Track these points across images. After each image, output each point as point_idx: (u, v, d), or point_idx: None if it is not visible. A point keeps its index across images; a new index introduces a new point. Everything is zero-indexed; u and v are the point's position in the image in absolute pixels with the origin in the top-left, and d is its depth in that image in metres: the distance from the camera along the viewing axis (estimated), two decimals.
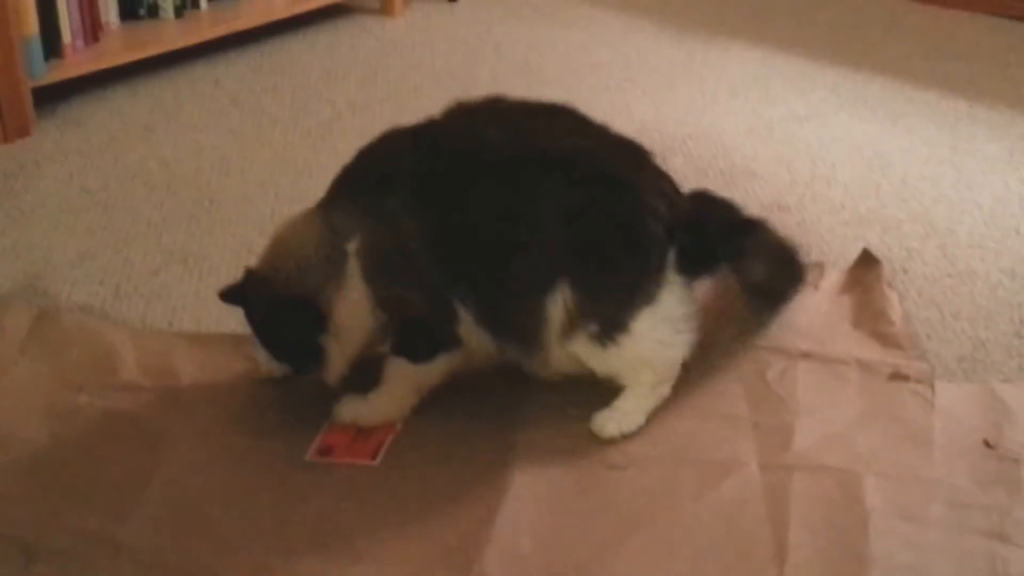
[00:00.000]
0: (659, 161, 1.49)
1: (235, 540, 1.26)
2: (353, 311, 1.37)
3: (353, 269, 1.36)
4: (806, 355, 1.56)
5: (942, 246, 1.90)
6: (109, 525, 1.27)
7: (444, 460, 1.38)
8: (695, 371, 1.54)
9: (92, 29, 2.38)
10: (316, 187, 1.47)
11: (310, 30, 2.78)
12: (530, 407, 1.47)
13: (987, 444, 1.41)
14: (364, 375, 1.43)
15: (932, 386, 1.51)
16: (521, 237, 1.35)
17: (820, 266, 1.80)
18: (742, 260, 1.50)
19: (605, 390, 1.48)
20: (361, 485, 1.34)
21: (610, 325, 1.37)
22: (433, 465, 1.37)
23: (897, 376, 1.52)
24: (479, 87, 2.50)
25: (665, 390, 1.46)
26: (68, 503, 1.30)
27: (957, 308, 1.72)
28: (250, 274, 1.41)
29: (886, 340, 1.60)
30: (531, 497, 1.32)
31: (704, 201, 1.52)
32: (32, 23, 2.21)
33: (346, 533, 1.27)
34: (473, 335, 1.40)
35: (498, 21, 2.90)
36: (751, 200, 2.04)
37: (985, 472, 1.36)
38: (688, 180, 2.09)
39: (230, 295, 1.44)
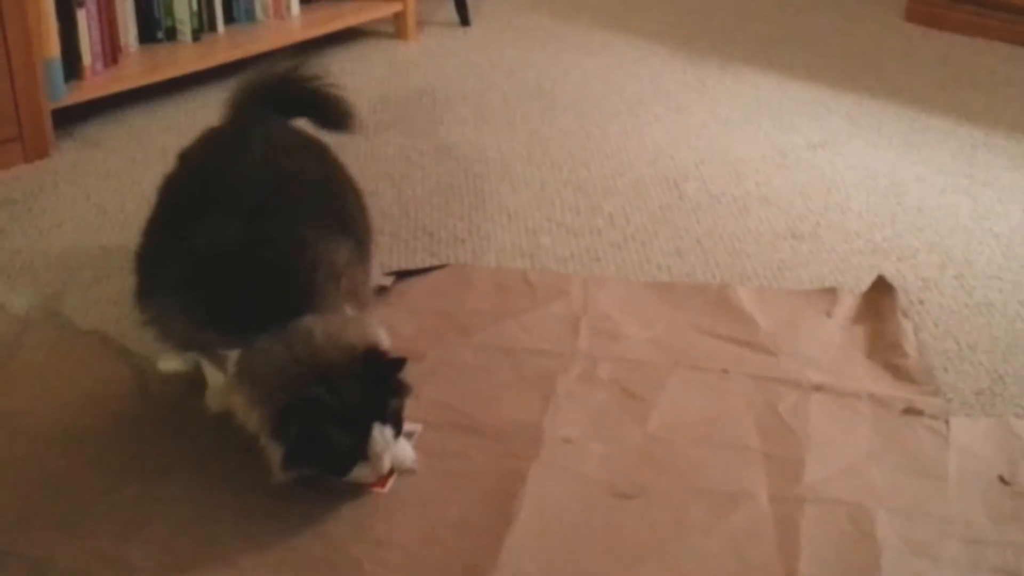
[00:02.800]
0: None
1: (243, 563, 1.26)
2: None
3: None
4: (818, 387, 1.55)
5: (959, 276, 1.88)
6: (119, 545, 1.27)
7: (453, 487, 1.38)
8: (706, 401, 1.54)
9: (111, 52, 2.40)
10: None
11: (325, 53, 2.80)
12: (540, 435, 1.46)
13: (1002, 480, 1.39)
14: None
15: (947, 421, 1.49)
16: None
17: (833, 292, 1.79)
18: None
19: (615, 420, 1.47)
20: (370, 510, 1.34)
21: None
22: (441, 492, 1.37)
23: (911, 410, 1.51)
24: (492, 111, 2.51)
25: None
26: (80, 523, 1.31)
27: (975, 340, 1.70)
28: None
29: (900, 373, 1.59)
30: (538, 525, 1.31)
31: None
32: (54, 45, 2.23)
33: (354, 558, 1.27)
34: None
35: (511, 45, 2.91)
36: (765, 227, 2.04)
37: (1000, 509, 1.35)
38: (701, 206, 2.11)
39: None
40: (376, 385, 1.30)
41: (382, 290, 1.77)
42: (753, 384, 1.56)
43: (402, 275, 1.82)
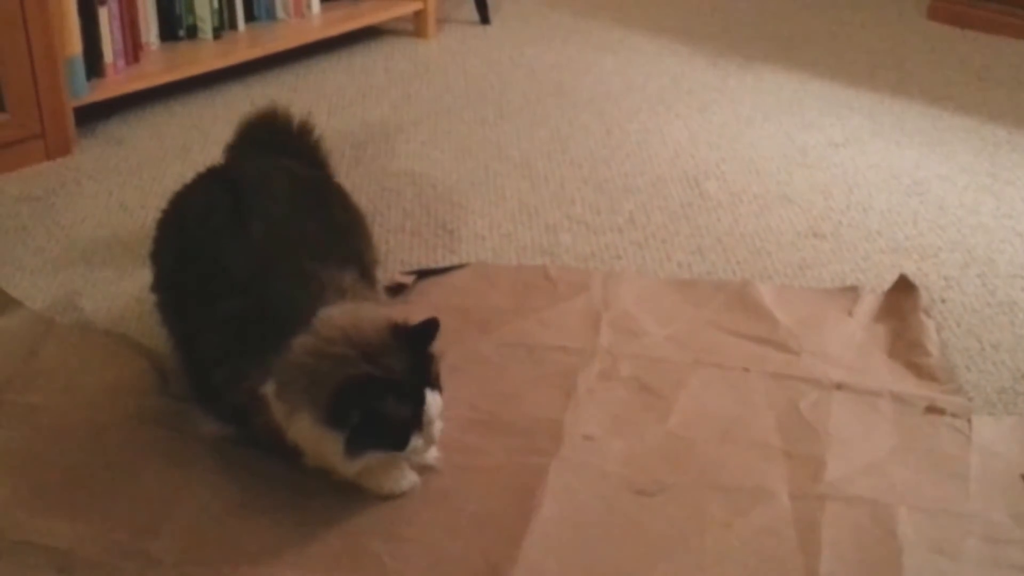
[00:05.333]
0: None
1: (262, 557, 1.27)
2: None
3: None
4: (839, 386, 1.54)
5: (981, 275, 1.87)
6: (140, 538, 1.29)
7: (473, 483, 1.38)
8: (726, 399, 1.53)
9: (133, 50, 2.42)
10: None
11: (345, 52, 2.81)
12: (560, 431, 1.46)
13: None
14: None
15: (969, 420, 1.48)
16: None
17: (855, 291, 1.78)
18: None
19: (640, 415, 1.46)
20: (390, 505, 1.34)
21: None
22: (462, 487, 1.37)
23: (933, 409, 1.50)
24: (511, 109, 2.51)
25: None
26: (101, 517, 1.32)
27: (997, 339, 1.69)
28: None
29: (922, 372, 1.58)
30: (558, 521, 1.31)
31: None
32: (76, 43, 2.25)
33: (374, 552, 1.27)
34: None
35: (531, 43, 2.91)
36: (786, 226, 2.03)
37: (1022, 507, 1.33)
38: (722, 205, 2.10)
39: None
40: (414, 353, 1.30)
41: (402, 288, 1.77)
42: (774, 382, 1.56)
43: (423, 274, 1.83)
